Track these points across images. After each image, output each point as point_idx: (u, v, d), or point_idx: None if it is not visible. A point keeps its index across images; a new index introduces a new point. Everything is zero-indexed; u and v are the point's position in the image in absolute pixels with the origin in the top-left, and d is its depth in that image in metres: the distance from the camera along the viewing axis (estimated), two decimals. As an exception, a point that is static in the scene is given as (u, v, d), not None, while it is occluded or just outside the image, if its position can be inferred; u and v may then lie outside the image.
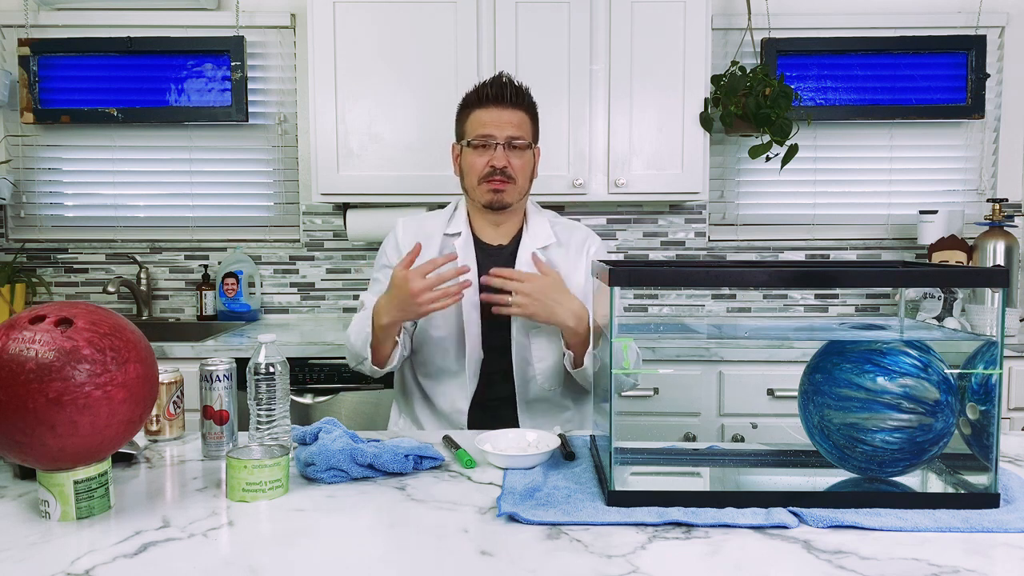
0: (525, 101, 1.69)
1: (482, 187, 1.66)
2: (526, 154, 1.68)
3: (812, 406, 1.13)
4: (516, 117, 1.67)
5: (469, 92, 1.71)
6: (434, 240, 1.73)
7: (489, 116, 1.65)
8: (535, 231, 1.74)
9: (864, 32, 2.86)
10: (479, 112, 1.66)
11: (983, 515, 1.02)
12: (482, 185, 1.66)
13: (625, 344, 1.07)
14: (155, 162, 2.97)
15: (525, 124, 1.68)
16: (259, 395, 1.24)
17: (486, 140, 1.65)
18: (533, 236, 1.73)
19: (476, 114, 1.67)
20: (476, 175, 1.66)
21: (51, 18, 2.87)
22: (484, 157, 1.65)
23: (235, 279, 2.84)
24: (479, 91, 1.68)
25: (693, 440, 2.28)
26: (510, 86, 1.67)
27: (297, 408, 2.36)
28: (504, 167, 1.64)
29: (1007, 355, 2.34)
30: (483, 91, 1.67)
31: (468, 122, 1.69)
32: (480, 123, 1.66)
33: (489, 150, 1.65)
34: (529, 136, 1.69)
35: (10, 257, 2.92)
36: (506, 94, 1.65)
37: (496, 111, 1.65)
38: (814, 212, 2.97)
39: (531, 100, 1.71)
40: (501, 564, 0.90)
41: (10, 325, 1.01)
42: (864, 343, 1.12)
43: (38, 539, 0.97)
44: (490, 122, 1.65)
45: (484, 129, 1.65)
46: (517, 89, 1.68)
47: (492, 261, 1.69)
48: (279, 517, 1.05)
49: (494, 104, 1.65)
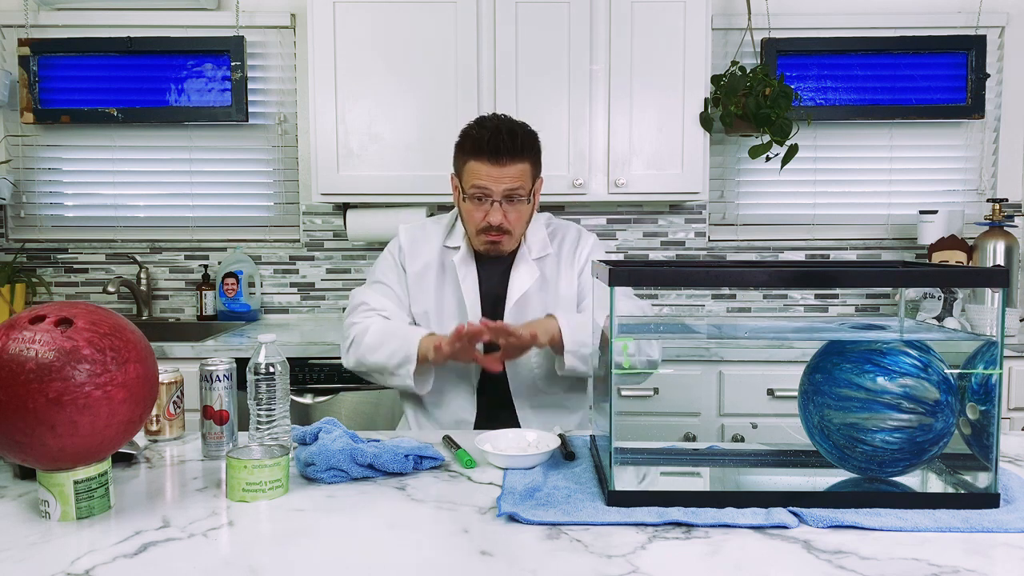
0: (525, 151, 1.60)
1: (479, 238, 1.65)
2: (523, 204, 1.63)
3: (812, 406, 1.13)
4: (514, 171, 1.59)
5: (466, 135, 1.62)
6: (434, 250, 1.74)
7: (486, 170, 1.58)
8: (532, 243, 1.73)
9: (864, 32, 2.86)
10: (475, 164, 1.59)
11: (983, 515, 1.02)
12: (479, 236, 1.65)
13: (625, 345, 1.07)
14: (155, 162, 2.97)
15: (525, 174, 1.61)
16: (259, 395, 1.24)
17: (482, 193, 1.60)
18: (531, 247, 1.73)
19: (472, 165, 1.60)
20: (473, 226, 1.65)
21: (51, 18, 2.87)
22: (480, 211, 1.61)
23: (235, 279, 2.84)
24: (476, 142, 1.59)
25: (693, 440, 2.28)
26: (506, 140, 1.57)
27: (297, 408, 2.36)
28: (500, 224, 1.61)
29: (1007, 355, 2.33)
30: (480, 143, 1.58)
31: (465, 170, 1.62)
32: (476, 176, 1.59)
33: (485, 204, 1.60)
34: (529, 185, 1.63)
35: (10, 257, 2.92)
36: (503, 149, 1.57)
37: (492, 167, 1.58)
38: (814, 212, 2.97)
39: (532, 144, 1.62)
40: (501, 564, 0.90)
41: (10, 325, 1.01)
42: (864, 343, 1.12)
43: (38, 539, 0.97)
44: (487, 176, 1.58)
45: (480, 182, 1.59)
46: (514, 143, 1.58)
47: (490, 272, 1.72)
48: (279, 517, 1.05)
49: (489, 159, 1.57)
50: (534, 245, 1.73)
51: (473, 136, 1.60)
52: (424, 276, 1.73)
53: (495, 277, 1.72)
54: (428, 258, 1.73)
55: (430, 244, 1.75)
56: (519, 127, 1.61)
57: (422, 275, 1.73)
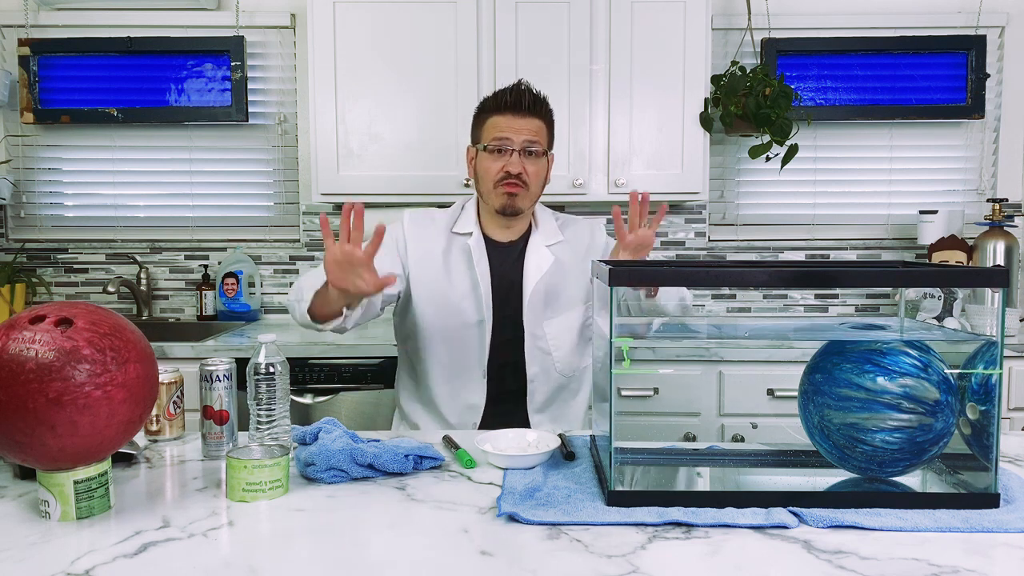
0: (543, 109, 1.71)
1: (496, 190, 1.68)
2: (540, 161, 1.70)
3: (812, 406, 1.13)
4: (533, 124, 1.68)
5: (487, 97, 1.73)
6: (440, 236, 1.76)
7: (506, 122, 1.67)
8: (544, 229, 1.78)
9: (864, 32, 2.86)
10: (496, 118, 1.68)
11: (983, 515, 1.02)
12: (496, 189, 1.68)
13: (625, 345, 1.07)
14: (155, 162, 2.97)
15: (541, 131, 1.70)
16: (259, 395, 1.24)
17: (502, 144, 1.66)
18: (543, 234, 1.77)
19: (493, 119, 1.69)
20: (491, 179, 1.68)
21: (51, 18, 2.87)
22: (499, 162, 1.67)
23: (235, 279, 2.84)
24: (498, 97, 1.70)
25: (693, 440, 2.28)
26: (528, 94, 1.68)
27: (297, 408, 2.36)
28: (519, 173, 1.66)
29: (1007, 355, 2.33)
30: (502, 97, 1.68)
31: (485, 127, 1.71)
32: (497, 128, 1.67)
33: (505, 155, 1.67)
34: (545, 143, 1.71)
35: (10, 257, 2.92)
36: (524, 102, 1.67)
37: (513, 118, 1.67)
38: (814, 212, 2.97)
39: (549, 108, 1.73)
40: (501, 564, 0.90)
41: (10, 325, 1.01)
42: (864, 343, 1.12)
43: (38, 539, 0.97)
44: (507, 128, 1.67)
45: (500, 134, 1.67)
46: (535, 97, 1.69)
47: (503, 257, 1.74)
48: (279, 517, 1.05)
49: (512, 111, 1.67)
50: (546, 231, 1.78)
51: (495, 94, 1.71)
52: (428, 262, 1.74)
53: (508, 263, 1.74)
54: (433, 243, 1.75)
55: (436, 229, 1.76)
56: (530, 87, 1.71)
57: (425, 260, 1.74)
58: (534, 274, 1.72)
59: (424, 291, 1.73)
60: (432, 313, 1.72)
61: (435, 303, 1.72)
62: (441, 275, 1.73)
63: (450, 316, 1.71)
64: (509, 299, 1.73)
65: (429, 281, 1.73)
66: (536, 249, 1.75)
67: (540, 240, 1.76)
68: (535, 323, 1.73)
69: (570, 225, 1.83)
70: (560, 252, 1.76)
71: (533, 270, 1.73)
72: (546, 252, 1.75)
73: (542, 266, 1.73)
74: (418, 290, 1.73)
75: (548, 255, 1.74)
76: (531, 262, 1.73)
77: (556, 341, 1.74)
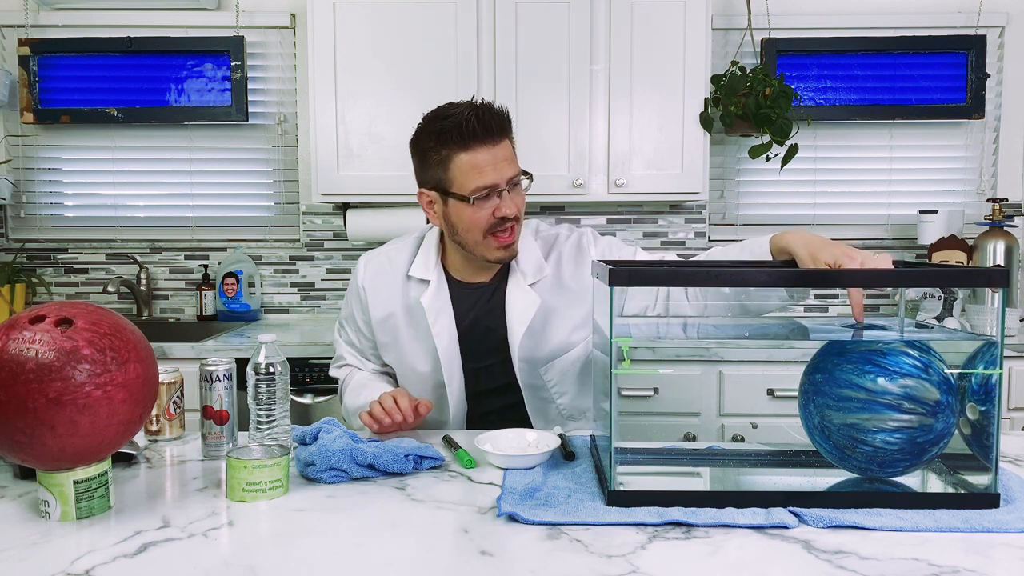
0: (508, 124, 1.43)
1: (487, 242, 1.43)
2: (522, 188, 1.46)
3: (812, 406, 1.13)
4: (507, 150, 1.42)
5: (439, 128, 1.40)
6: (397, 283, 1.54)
7: (483, 159, 1.38)
8: (524, 262, 1.51)
9: (864, 32, 2.86)
10: (465, 156, 1.38)
11: (983, 515, 1.02)
12: (487, 240, 1.42)
13: (625, 345, 1.07)
14: (155, 162, 2.97)
15: (514, 152, 1.45)
16: (259, 395, 1.24)
17: (489, 191, 1.39)
18: (523, 271, 1.51)
19: (462, 159, 1.38)
20: (480, 230, 1.41)
21: (51, 18, 2.87)
22: (486, 208, 1.40)
23: (235, 279, 2.84)
24: (460, 128, 1.37)
25: (693, 440, 2.28)
26: (489, 113, 1.39)
27: (297, 408, 2.36)
28: (513, 213, 1.41)
29: (1007, 355, 2.33)
30: (465, 128, 1.36)
31: (452, 169, 1.40)
32: (475, 171, 1.38)
33: (492, 199, 1.40)
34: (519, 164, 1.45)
35: (10, 257, 2.92)
36: (493, 126, 1.38)
37: (487, 150, 1.38)
38: (814, 212, 2.97)
39: (510, 119, 1.44)
40: (501, 564, 0.90)
41: (10, 325, 1.01)
42: (864, 343, 1.12)
43: (38, 539, 0.97)
44: (487, 167, 1.38)
45: (482, 179, 1.38)
46: (498, 113, 1.40)
47: (474, 301, 1.53)
48: (279, 517, 1.05)
49: (482, 142, 1.38)
50: (528, 266, 1.51)
51: (453, 123, 1.38)
52: (389, 323, 1.55)
53: (479, 309, 1.53)
54: (391, 296, 1.54)
55: (394, 275, 1.54)
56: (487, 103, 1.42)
57: (386, 322, 1.55)
58: (519, 324, 1.48)
59: (389, 354, 1.58)
60: (398, 372, 1.59)
61: (399, 365, 1.58)
62: (402, 336, 1.54)
63: (413, 378, 1.56)
64: (487, 347, 1.52)
65: (391, 343, 1.57)
66: (517, 291, 1.49)
67: (521, 279, 1.50)
68: (531, 374, 1.53)
69: (554, 247, 1.55)
70: (546, 291, 1.51)
71: (517, 320, 1.49)
72: (529, 294, 1.49)
73: (527, 312, 1.48)
74: (383, 352, 1.59)
75: (533, 298, 1.49)
76: (513, 308, 1.49)
77: (559, 387, 1.55)
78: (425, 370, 1.54)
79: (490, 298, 1.53)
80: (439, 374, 1.53)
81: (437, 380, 1.55)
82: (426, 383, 1.56)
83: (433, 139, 1.42)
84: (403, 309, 1.54)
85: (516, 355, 1.51)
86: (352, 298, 1.61)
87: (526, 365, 1.53)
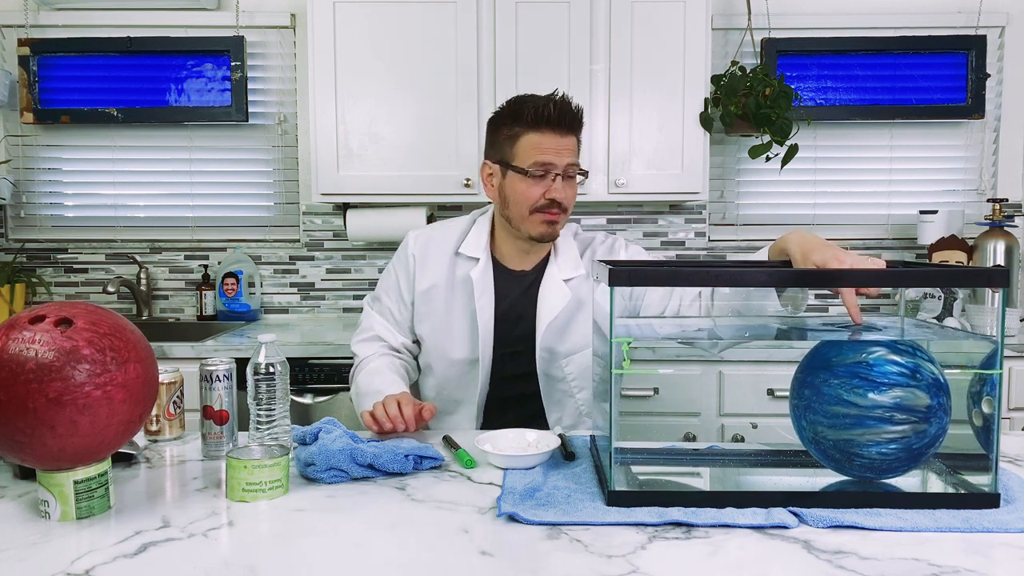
0: (580, 122, 1.54)
1: (533, 218, 1.52)
2: (575, 184, 1.56)
3: (804, 422, 1.12)
4: (573, 143, 1.53)
5: (518, 107, 1.52)
6: (445, 260, 1.62)
7: (548, 142, 1.49)
8: (563, 259, 1.62)
9: (864, 32, 2.86)
10: (534, 136, 1.50)
11: (983, 515, 1.02)
12: (534, 216, 1.52)
13: (626, 345, 1.07)
14: (155, 162, 2.97)
15: (578, 150, 1.56)
16: (259, 395, 1.24)
17: (546, 169, 1.50)
18: (561, 265, 1.61)
19: (531, 138, 1.50)
20: (529, 205, 1.51)
21: (51, 18, 2.87)
22: (539, 187, 1.50)
23: (235, 279, 2.84)
24: (537, 111, 1.49)
25: (693, 440, 2.27)
26: (570, 111, 1.51)
27: (297, 408, 2.36)
28: (562, 200, 1.51)
29: (1007, 355, 2.33)
30: (541, 112, 1.48)
31: (519, 145, 1.51)
32: (538, 150, 1.49)
33: (546, 179, 1.50)
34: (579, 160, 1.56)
35: (10, 257, 2.92)
36: (566, 119, 1.50)
37: (555, 137, 1.50)
38: (814, 212, 2.97)
39: (583, 119, 1.56)
40: (501, 564, 0.90)
41: (10, 325, 1.01)
42: (849, 355, 1.11)
43: (38, 539, 0.97)
44: (549, 149, 1.49)
45: (543, 156, 1.49)
46: (577, 113, 1.52)
47: (512, 287, 1.61)
48: (279, 517, 1.05)
49: (553, 129, 1.49)
50: (566, 262, 1.61)
51: (531, 105, 1.50)
52: (432, 294, 1.63)
53: (516, 294, 1.61)
54: (438, 272, 1.62)
55: (442, 252, 1.63)
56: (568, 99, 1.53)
57: (429, 294, 1.63)
58: (547, 314, 1.57)
59: (424, 326, 1.64)
60: (430, 345, 1.64)
61: (432, 337, 1.63)
62: (441, 309, 1.62)
63: (445, 351, 1.62)
64: (516, 334, 1.60)
65: (430, 315, 1.63)
66: (552, 283, 1.59)
67: (557, 273, 1.59)
68: (551, 364, 1.60)
69: (589, 248, 1.67)
70: (580, 288, 1.60)
71: (547, 308, 1.57)
72: (563, 288, 1.58)
73: (557, 304, 1.57)
74: (420, 325, 1.65)
75: (565, 291, 1.58)
76: (545, 298, 1.58)
77: (579, 382, 1.61)
78: (456, 345, 1.60)
79: (527, 287, 1.61)
80: (468, 351, 1.60)
81: (465, 356, 1.61)
82: (454, 359, 1.62)
83: (510, 117, 1.54)
84: (447, 283, 1.62)
85: (539, 344, 1.58)
86: (399, 267, 1.67)
87: (547, 354, 1.59)
